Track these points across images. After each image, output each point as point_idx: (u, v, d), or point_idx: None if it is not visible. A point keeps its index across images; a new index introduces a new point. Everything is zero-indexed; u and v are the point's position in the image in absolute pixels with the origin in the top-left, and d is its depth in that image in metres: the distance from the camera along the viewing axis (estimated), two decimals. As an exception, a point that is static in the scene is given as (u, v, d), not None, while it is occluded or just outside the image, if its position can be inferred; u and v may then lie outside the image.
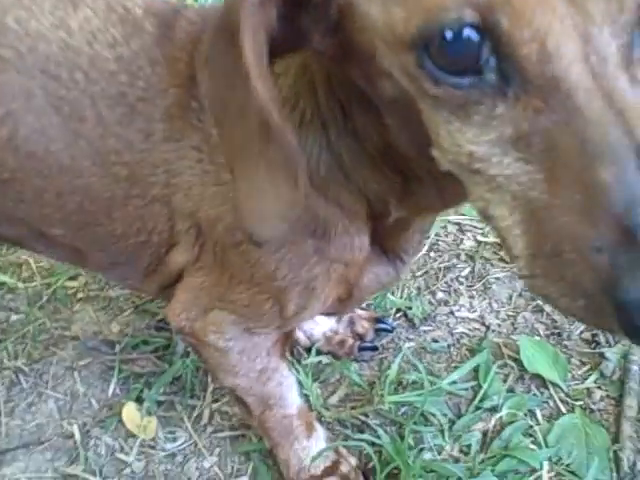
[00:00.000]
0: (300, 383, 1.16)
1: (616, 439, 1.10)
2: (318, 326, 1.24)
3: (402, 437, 1.10)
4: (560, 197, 0.45)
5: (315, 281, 0.80)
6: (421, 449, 1.10)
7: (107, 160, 0.80)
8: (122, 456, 1.13)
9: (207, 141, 0.77)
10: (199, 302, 0.88)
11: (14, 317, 1.31)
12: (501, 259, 1.38)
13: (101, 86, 0.79)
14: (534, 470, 1.08)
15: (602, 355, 1.21)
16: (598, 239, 0.44)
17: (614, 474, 1.07)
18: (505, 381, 1.19)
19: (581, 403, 1.15)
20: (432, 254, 1.40)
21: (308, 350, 1.24)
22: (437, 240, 1.42)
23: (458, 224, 1.44)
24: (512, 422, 1.13)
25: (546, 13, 0.45)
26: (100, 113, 0.79)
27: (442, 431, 1.12)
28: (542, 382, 1.18)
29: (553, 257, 0.47)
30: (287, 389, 1.03)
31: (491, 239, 1.40)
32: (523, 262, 0.49)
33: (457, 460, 1.09)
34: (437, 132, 0.52)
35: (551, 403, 1.16)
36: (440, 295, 1.33)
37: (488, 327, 1.27)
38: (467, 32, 0.46)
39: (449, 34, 0.46)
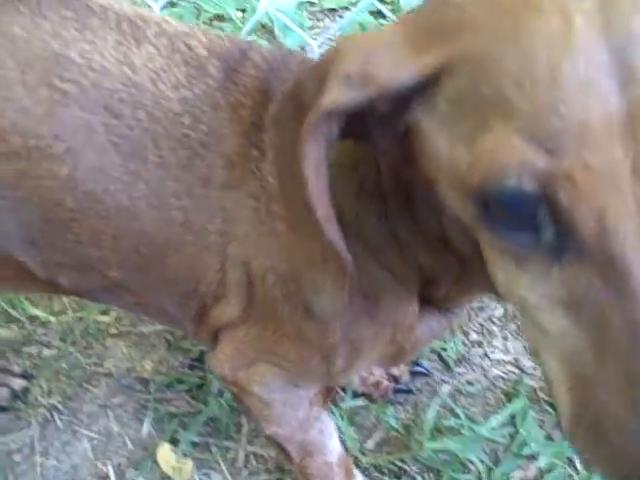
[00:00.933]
0: (336, 427, 1.15)
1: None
2: (353, 367, 1.24)
3: (440, 484, 1.10)
4: (605, 372, 0.44)
5: (364, 341, 0.80)
6: (460, 497, 1.09)
7: (165, 204, 0.79)
8: (157, 498, 1.12)
9: (264, 190, 0.77)
10: (244, 353, 0.88)
11: (46, 352, 1.31)
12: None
13: (164, 127, 0.78)
14: (574, 521, 1.07)
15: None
16: (638, 429, 0.43)
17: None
18: (542, 427, 1.18)
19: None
20: (465, 293, 1.39)
21: (343, 389, 1.23)
22: (469, 279, 1.41)
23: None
24: (551, 470, 1.12)
25: (609, 191, 0.43)
26: (161, 154, 0.78)
27: (480, 479, 1.11)
28: (579, 429, 1.17)
29: (593, 427, 0.46)
30: (328, 436, 1.02)
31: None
32: (566, 420, 0.48)
33: (496, 509, 1.08)
34: (493, 266, 0.51)
35: (589, 451, 1.15)
36: (474, 336, 1.32)
37: (523, 370, 1.27)
38: (526, 195, 0.45)
39: (507, 196, 0.45)
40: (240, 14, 2.14)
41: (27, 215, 0.82)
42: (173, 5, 2.17)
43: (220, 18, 2.12)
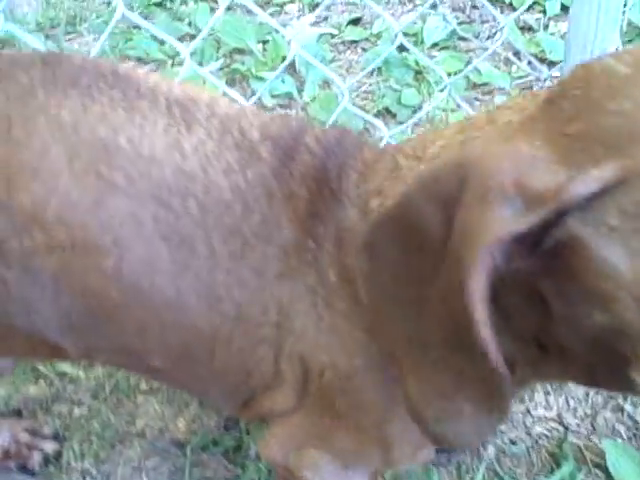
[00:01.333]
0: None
1: None
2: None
3: None
4: None
5: None
6: None
7: (215, 296, 0.76)
8: None
9: (323, 284, 0.73)
10: (295, 439, 0.84)
11: (77, 411, 1.28)
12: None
13: (214, 217, 0.74)
14: None
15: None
16: None
17: None
18: (591, 491, 1.14)
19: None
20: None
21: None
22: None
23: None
24: (602, 538, 1.09)
25: None
26: (211, 245, 0.74)
27: None
28: (630, 492, 1.14)
29: None
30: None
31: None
32: None
33: None
34: None
35: (640, 516, 1.12)
36: (515, 391, 1.29)
37: (567, 427, 1.23)
38: None
39: None
40: (261, 46, 2.12)
41: (68, 304, 0.78)
42: (192, 37, 2.14)
43: (240, 51, 2.09)
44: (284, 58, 2.01)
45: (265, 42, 2.11)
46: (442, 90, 1.85)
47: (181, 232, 0.74)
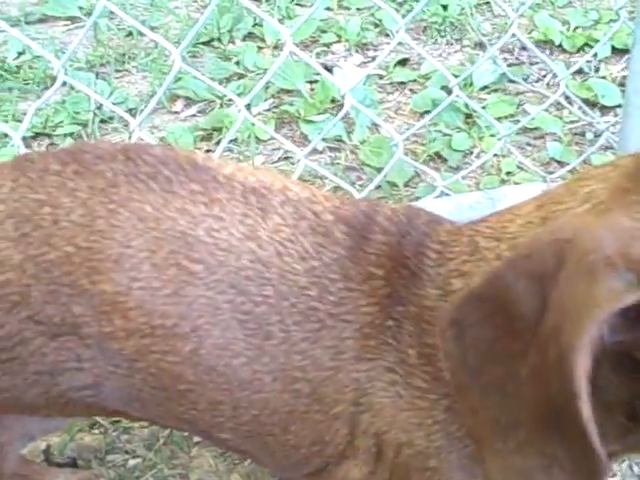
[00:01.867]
0: None
1: None
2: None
3: None
4: None
5: None
6: None
7: (290, 377, 0.77)
8: None
9: (403, 363, 0.74)
10: None
11: (131, 462, 1.28)
12: None
13: (290, 301, 0.76)
14: None
15: None
16: None
17: None
18: None
19: None
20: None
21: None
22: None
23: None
24: None
25: None
26: (287, 329, 0.76)
27: None
28: None
29: None
30: None
31: None
32: None
33: None
34: None
35: None
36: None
37: (630, 492, 1.20)
38: None
39: None
40: (309, 86, 2.12)
41: (140, 382, 0.81)
42: (241, 76, 2.16)
43: (288, 92, 2.10)
44: (333, 99, 2.02)
45: (313, 82, 2.12)
46: (493, 135, 1.84)
47: (257, 318, 0.77)
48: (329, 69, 2.14)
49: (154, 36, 1.40)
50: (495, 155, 1.81)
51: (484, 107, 1.95)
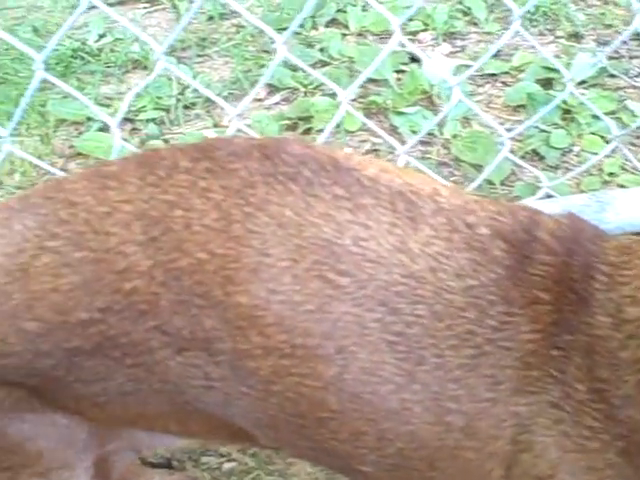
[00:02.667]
0: None
1: None
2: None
3: None
4: None
5: None
6: None
7: (442, 407, 0.71)
8: None
9: (570, 398, 0.68)
10: None
11: (226, 465, 1.24)
12: None
13: (445, 323, 0.70)
14: None
15: None
16: None
17: None
18: None
19: None
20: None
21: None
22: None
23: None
24: None
25: None
26: (441, 354, 0.70)
27: None
28: None
29: None
30: None
31: None
32: None
33: None
34: None
35: None
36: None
37: None
38: None
39: None
40: (395, 75, 2.05)
41: (276, 407, 0.75)
42: (325, 64, 2.10)
43: (375, 82, 2.04)
44: (423, 91, 1.95)
45: (399, 72, 2.05)
46: (594, 133, 1.76)
47: (409, 340, 0.71)
48: (416, 59, 2.06)
49: (257, 23, 1.34)
50: (595, 154, 1.72)
51: (582, 103, 1.86)
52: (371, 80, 2.04)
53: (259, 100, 2.04)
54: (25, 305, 0.79)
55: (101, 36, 2.26)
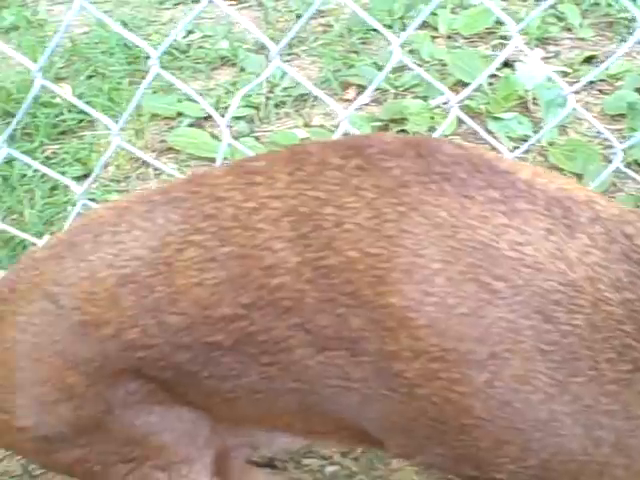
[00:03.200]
0: None
1: None
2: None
3: None
4: None
5: None
6: None
7: (594, 421, 0.68)
8: None
9: None
10: None
11: (329, 468, 1.23)
12: None
13: (603, 335, 0.68)
14: None
15: None
16: None
17: None
18: None
19: None
20: None
21: None
22: None
23: None
24: None
25: None
26: (597, 367, 0.68)
27: None
28: None
29: None
30: None
31: None
32: None
33: None
34: None
35: None
36: None
37: None
38: None
39: None
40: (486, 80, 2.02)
41: (417, 411, 0.73)
42: (403, 68, 2.06)
43: (466, 85, 2.00)
44: (519, 96, 1.91)
45: (491, 76, 2.02)
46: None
47: (564, 350, 0.68)
48: (509, 64, 2.03)
49: (376, 25, 1.33)
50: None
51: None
52: (463, 84, 2.02)
53: (347, 101, 2.03)
54: (169, 298, 0.78)
55: (189, 32, 2.27)
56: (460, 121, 1.90)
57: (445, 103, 1.98)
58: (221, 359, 0.80)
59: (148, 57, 2.20)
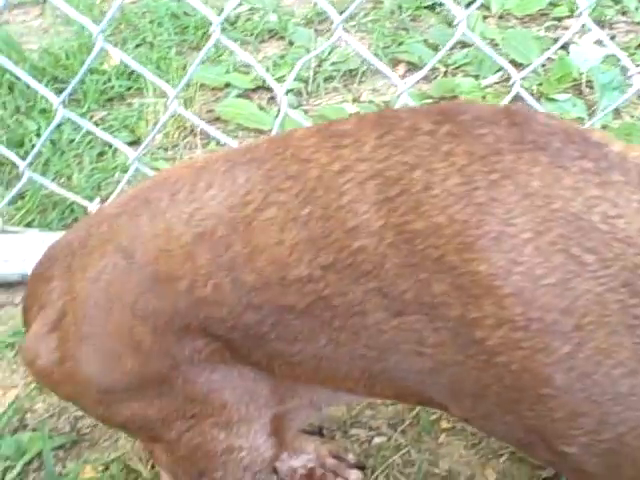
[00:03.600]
0: None
1: None
2: None
3: None
4: None
5: None
6: None
7: None
8: None
9: None
10: None
11: (377, 440, 1.23)
12: None
13: None
14: None
15: None
16: None
17: None
18: None
19: None
20: None
21: None
22: None
23: None
24: None
25: None
26: None
27: None
28: None
29: None
30: None
31: None
32: None
33: None
34: None
35: None
36: None
37: None
38: None
39: None
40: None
41: (492, 378, 0.73)
42: (465, 45, 2.05)
43: (519, 66, 1.98)
44: (573, 78, 1.89)
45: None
46: None
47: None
48: (563, 45, 2.00)
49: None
50: None
51: None
52: (516, 64, 1.99)
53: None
54: (245, 257, 0.78)
55: (238, 4, 2.26)
56: (513, 100, 1.88)
57: (497, 83, 1.96)
58: (291, 322, 0.80)
59: (197, 27, 2.22)
